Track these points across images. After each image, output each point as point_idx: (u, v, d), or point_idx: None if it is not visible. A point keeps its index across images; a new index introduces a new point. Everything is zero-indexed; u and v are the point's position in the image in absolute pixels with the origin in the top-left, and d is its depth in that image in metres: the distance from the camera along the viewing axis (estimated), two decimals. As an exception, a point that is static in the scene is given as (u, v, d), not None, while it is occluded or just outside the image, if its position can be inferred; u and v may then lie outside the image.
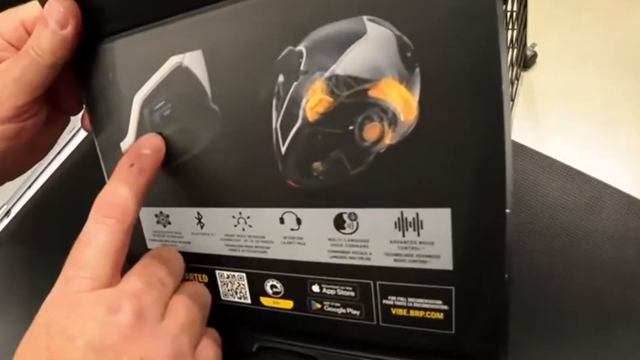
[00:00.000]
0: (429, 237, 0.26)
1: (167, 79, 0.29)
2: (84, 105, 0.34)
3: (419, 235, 0.26)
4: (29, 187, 0.69)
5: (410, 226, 0.26)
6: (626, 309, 0.33)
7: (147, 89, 0.30)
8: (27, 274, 0.59)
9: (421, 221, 0.26)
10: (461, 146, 0.23)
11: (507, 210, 0.24)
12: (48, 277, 0.59)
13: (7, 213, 0.68)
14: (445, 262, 0.26)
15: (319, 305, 0.30)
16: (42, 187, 0.65)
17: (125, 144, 0.32)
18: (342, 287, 0.29)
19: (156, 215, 0.33)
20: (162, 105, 0.30)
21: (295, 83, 0.26)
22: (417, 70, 0.23)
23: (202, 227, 0.32)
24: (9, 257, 0.62)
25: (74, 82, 0.33)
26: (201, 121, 0.29)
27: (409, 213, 0.26)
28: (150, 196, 0.31)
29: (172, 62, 0.29)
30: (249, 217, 0.30)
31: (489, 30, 0.22)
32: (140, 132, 0.31)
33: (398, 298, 0.28)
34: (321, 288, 0.29)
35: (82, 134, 0.67)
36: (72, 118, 0.38)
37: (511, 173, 0.24)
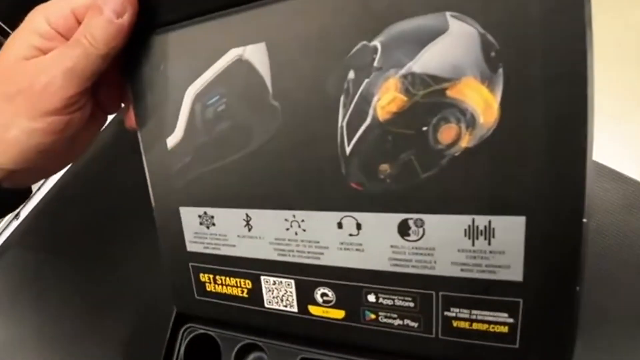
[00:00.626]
0: (500, 246, 0.24)
1: (225, 72, 0.27)
2: (129, 102, 0.33)
3: (489, 244, 0.25)
4: (39, 188, 0.67)
5: (482, 234, 0.25)
6: None
7: (202, 82, 0.28)
8: (36, 276, 0.57)
9: (493, 229, 0.24)
10: (541, 152, 0.22)
11: (584, 220, 0.23)
12: (56, 280, 0.57)
13: (17, 215, 0.65)
14: (515, 273, 0.24)
15: (373, 316, 0.28)
16: (51, 189, 0.63)
17: (172, 140, 0.30)
18: (401, 298, 0.27)
19: (199, 216, 0.31)
20: (216, 100, 0.28)
21: (366, 80, 0.24)
22: (501, 70, 0.22)
23: (250, 230, 0.30)
24: (18, 260, 0.60)
25: (118, 76, 0.32)
26: (259, 118, 0.27)
27: (481, 220, 0.24)
28: (194, 196, 0.30)
29: (232, 54, 0.27)
30: (303, 221, 0.28)
31: (576, 32, 0.20)
32: (189, 128, 0.29)
33: (461, 310, 0.26)
34: (377, 298, 0.28)
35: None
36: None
37: (591, 182, 0.23)
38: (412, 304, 0.27)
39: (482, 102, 0.23)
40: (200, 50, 0.28)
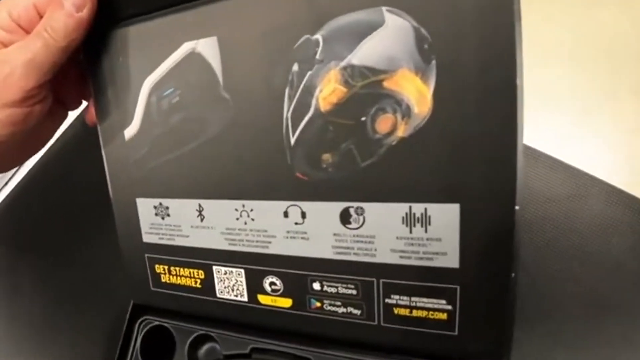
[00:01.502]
0: (436, 233, 0.25)
1: (179, 65, 0.28)
2: (90, 99, 0.33)
3: (426, 231, 0.25)
4: (6, 183, 0.66)
5: (418, 222, 0.25)
6: (614, 298, 0.32)
7: (157, 74, 0.28)
8: (9, 273, 0.56)
9: (429, 217, 0.25)
10: (473, 140, 0.23)
11: (517, 207, 0.23)
12: (29, 276, 0.56)
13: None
14: (451, 259, 0.25)
15: (318, 304, 0.28)
16: (19, 184, 0.63)
17: (129, 132, 0.30)
18: (344, 285, 0.27)
19: (155, 207, 0.31)
20: (171, 92, 0.29)
21: (309, 72, 0.25)
22: (434, 62, 0.23)
23: (202, 220, 0.30)
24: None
25: (79, 73, 0.32)
26: (210, 109, 0.28)
27: (418, 208, 0.25)
28: (149, 187, 0.30)
29: (185, 48, 0.28)
30: (252, 210, 0.28)
31: (505, 24, 0.21)
32: (146, 120, 0.30)
33: (401, 297, 0.26)
34: (322, 286, 0.28)
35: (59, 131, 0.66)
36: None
37: (522, 169, 0.23)
38: (354, 292, 0.27)
39: (417, 92, 0.23)
40: (156, 43, 0.28)
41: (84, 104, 0.35)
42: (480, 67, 0.22)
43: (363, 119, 0.24)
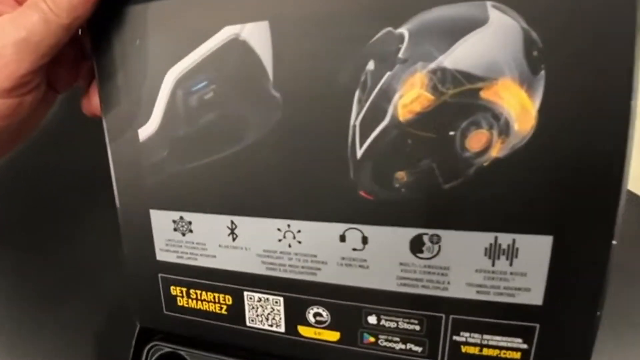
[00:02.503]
0: (522, 267, 0.21)
1: (216, 54, 0.22)
2: (86, 82, 0.27)
3: (511, 264, 0.21)
4: None
5: (503, 254, 0.21)
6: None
7: (186, 64, 0.23)
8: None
9: (517, 249, 0.21)
10: (578, 167, 0.19)
11: (614, 242, 0.20)
12: (9, 269, 0.49)
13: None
14: (535, 296, 0.21)
15: (372, 339, 0.24)
16: None
17: (145, 131, 0.24)
18: (407, 320, 0.23)
19: (174, 221, 0.26)
20: (203, 86, 0.23)
21: (388, 73, 0.20)
22: (542, 73, 0.18)
23: (234, 239, 0.25)
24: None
25: (74, 49, 0.26)
26: (254, 109, 0.22)
27: (505, 239, 0.21)
28: (168, 197, 0.24)
29: (226, 33, 0.22)
30: (299, 232, 0.23)
31: (627, 39, 0.17)
32: (168, 117, 0.24)
33: (472, 334, 0.23)
34: (379, 319, 0.24)
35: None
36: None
37: (624, 202, 0.20)
38: (417, 327, 0.23)
39: (519, 107, 0.19)
40: (187, 25, 0.22)
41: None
42: (595, 83, 0.18)
43: (451, 133, 0.20)
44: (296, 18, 0.21)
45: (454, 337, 0.23)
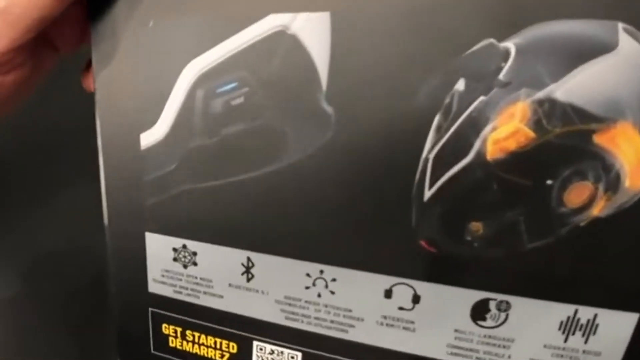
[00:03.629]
0: (597, 346, 0.15)
1: (254, 48, 0.15)
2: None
3: (586, 342, 0.16)
4: None
5: (580, 330, 0.16)
6: None
7: (213, 58, 0.15)
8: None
9: (596, 325, 0.16)
10: None
11: None
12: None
13: None
14: None
15: (405, 412, 0.18)
16: None
17: (149, 137, 0.17)
18: (451, 393, 0.18)
19: (175, 250, 0.18)
20: (232, 89, 0.15)
21: (482, 97, 0.13)
22: None
23: (249, 280, 0.18)
24: None
25: (80, 7, 0.17)
26: (298, 125, 0.15)
27: (586, 313, 0.15)
28: (170, 220, 0.17)
29: (271, 23, 0.14)
30: (333, 280, 0.16)
31: None
32: (180, 122, 0.16)
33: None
34: (418, 389, 0.18)
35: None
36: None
37: None
38: (464, 404, 0.18)
39: (635, 158, 0.14)
40: (220, 8, 0.15)
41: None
42: None
43: (549, 182, 0.14)
44: (368, 12, 0.14)
45: None
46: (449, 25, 0.13)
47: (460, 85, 0.14)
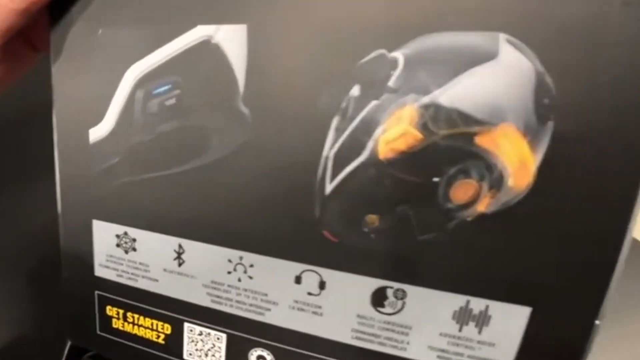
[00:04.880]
0: (492, 337, 0.14)
1: (184, 55, 0.14)
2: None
3: (480, 332, 0.14)
4: None
5: (473, 320, 0.14)
6: None
7: (150, 63, 0.15)
8: None
9: (489, 316, 0.14)
10: (571, 236, 0.12)
11: (597, 322, 0.14)
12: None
13: None
14: None
15: (317, 393, 0.17)
16: None
17: (97, 132, 0.16)
18: (357, 378, 0.16)
19: (118, 236, 0.17)
20: (166, 90, 0.15)
21: (374, 102, 0.13)
22: (550, 124, 0.12)
23: (180, 265, 0.16)
24: None
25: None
26: (220, 124, 0.14)
27: (477, 304, 0.14)
28: (114, 209, 0.16)
29: (199, 33, 0.14)
30: (251, 266, 0.15)
31: None
32: (122, 120, 0.15)
33: (428, 402, 0.16)
34: (327, 372, 0.16)
35: None
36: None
37: (615, 284, 0.14)
38: (369, 387, 0.16)
39: (517, 160, 0.13)
40: (156, 19, 0.14)
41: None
42: (612, 148, 0.11)
43: (435, 179, 0.13)
44: (279, 26, 0.13)
45: None
46: (346, 37, 0.13)
47: (355, 90, 0.13)
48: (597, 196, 0.12)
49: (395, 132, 0.13)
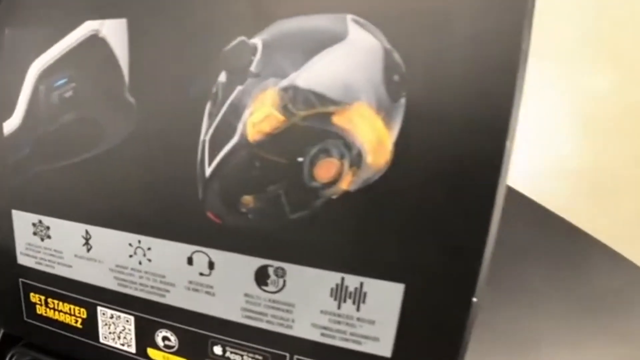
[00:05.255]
0: (370, 314, 0.14)
1: (77, 50, 0.15)
2: None
3: (358, 309, 0.14)
4: None
5: (350, 297, 0.14)
6: (533, 334, 0.23)
7: (48, 58, 0.15)
8: None
9: (364, 293, 0.14)
10: (438, 211, 0.12)
11: (474, 300, 0.14)
12: None
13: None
14: (383, 347, 0.14)
15: (218, 371, 0.17)
16: None
17: (9, 125, 0.17)
18: (251, 355, 0.16)
19: (34, 225, 0.18)
20: (63, 83, 0.15)
21: (239, 87, 0.13)
22: (403, 101, 0.12)
23: (88, 250, 0.17)
24: None
25: None
26: (110, 114, 0.15)
27: (352, 281, 0.14)
28: (29, 199, 0.17)
29: (87, 28, 0.15)
30: (149, 249, 0.16)
31: (508, 68, 0.11)
32: (30, 113, 0.16)
33: (319, 379, 0.16)
34: (225, 351, 0.16)
35: None
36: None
37: (489, 256, 0.14)
38: (263, 365, 0.17)
39: (374, 137, 0.13)
40: (52, 16, 0.15)
41: None
42: (466, 118, 0.11)
43: (300, 159, 0.13)
44: (155, 19, 0.14)
45: None
46: (211, 26, 0.13)
47: (223, 77, 0.13)
48: (455, 169, 0.12)
49: (260, 114, 0.13)
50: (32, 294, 0.19)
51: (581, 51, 0.24)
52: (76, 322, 0.18)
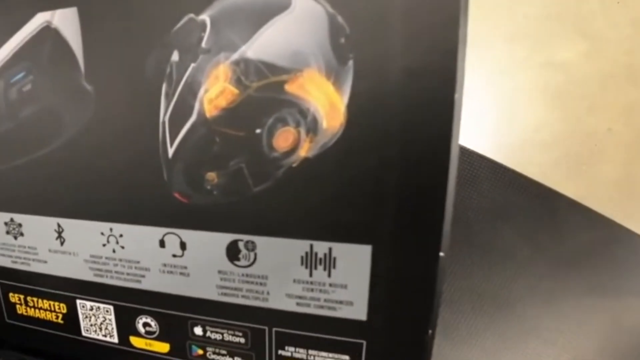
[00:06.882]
0: (342, 279, 0.14)
1: (31, 42, 0.15)
2: None
3: (329, 275, 0.15)
4: None
5: (320, 264, 0.15)
6: (504, 290, 0.22)
7: (5, 53, 0.15)
8: None
9: (334, 258, 0.14)
10: (395, 170, 0.12)
11: (441, 254, 0.14)
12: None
13: None
14: (358, 311, 0.14)
15: (200, 352, 0.17)
16: None
17: None
18: (231, 332, 0.16)
19: (6, 224, 0.18)
20: (21, 77, 0.15)
21: (192, 65, 0.13)
22: (351, 63, 0.12)
23: (62, 244, 0.17)
24: None
25: None
26: (69, 104, 0.15)
27: (320, 247, 0.14)
28: None
29: (39, 20, 0.15)
30: (121, 236, 0.16)
31: (449, 19, 0.11)
32: None
33: (297, 349, 0.16)
34: (205, 331, 0.16)
35: None
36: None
37: (451, 209, 0.14)
38: (242, 340, 0.16)
39: (327, 101, 0.13)
40: (6, 11, 0.15)
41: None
42: (412, 72, 0.12)
43: (258, 130, 0.14)
44: (104, 4, 0.14)
45: (280, 352, 0.16)
46: (158, 7, 0.13)
47: (175, 56, 0.14)
48: (408, 124, 0.12)
49: (215, 90, 0.14)
50: (11, 294, 0.19)
51: (547, 26, 0.25)
52: (57, 317, 0.18)
